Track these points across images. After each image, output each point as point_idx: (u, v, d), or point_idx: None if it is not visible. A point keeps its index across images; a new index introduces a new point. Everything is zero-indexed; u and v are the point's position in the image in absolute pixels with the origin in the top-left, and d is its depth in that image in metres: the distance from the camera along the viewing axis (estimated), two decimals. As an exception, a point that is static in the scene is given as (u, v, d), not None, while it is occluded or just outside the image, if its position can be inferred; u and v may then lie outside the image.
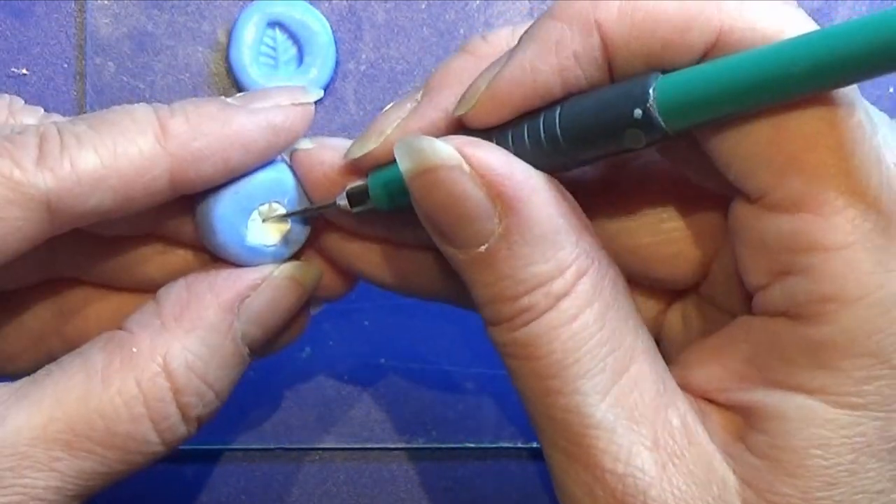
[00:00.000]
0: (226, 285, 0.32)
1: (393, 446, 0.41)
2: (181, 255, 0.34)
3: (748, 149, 0.27)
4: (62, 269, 0.34)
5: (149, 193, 0.30)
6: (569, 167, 0.29)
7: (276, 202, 0.32)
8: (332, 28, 0.41)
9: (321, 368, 0.41)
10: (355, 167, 0.31)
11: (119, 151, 0.29)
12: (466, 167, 0.27)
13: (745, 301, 0.30)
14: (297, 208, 0.33)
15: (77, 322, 0.34)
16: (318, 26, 0.41)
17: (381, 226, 0.33)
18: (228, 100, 0.31)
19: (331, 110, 0.42)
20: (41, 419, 0.29)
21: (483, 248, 0.28)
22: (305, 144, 0.32)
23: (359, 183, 0.31)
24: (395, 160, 0.30)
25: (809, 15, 0.27)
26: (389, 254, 0.33)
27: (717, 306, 0.32)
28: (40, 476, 0.29)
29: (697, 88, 0.26)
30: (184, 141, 0.30)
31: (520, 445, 0.41)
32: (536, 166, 0.28)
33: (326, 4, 0.42)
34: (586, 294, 0.28)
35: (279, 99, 0.31)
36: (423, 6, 0.42)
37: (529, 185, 0.28)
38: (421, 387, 0.41)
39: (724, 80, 0.26)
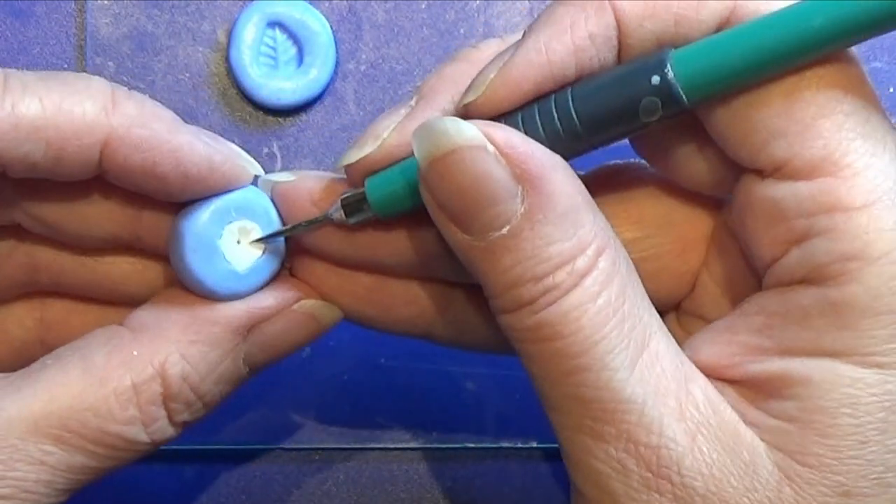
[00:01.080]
0: (241, 307, 0.31)
1: (393, 446, 0.41)
2: (160, 272, 0.34)
3: (761, 122, 0.27)
4: (43, 285, 0.34)
5: (78, 161, 0.29)
6: (580, 151, 0.29)
7: (251, 222, 0.32)
8: (332, 28, 0.41)
9: (321, 368, 0.41)
10: (350, 174, 0.31)
11: (64, 107, 0.29)
12: (491, 147, 0.27)
13: (738, 303, 0.30)
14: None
15: (60, 332, 0.34)
16: (318, 26, 0.41)
17: (365, 248, 0.32)
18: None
19: (331, 110, 0.42)
20: (34, 413, 0.29)
21: (505, 229, 0.27)
22: (286, 177, 0.32)
23: (352, 192, 0.31)
24: (393, 164, 0.30)
25: None
26: (369, 284, 0.33)
27: (703, 318, 0.32)
28: (31, 469, 0.29)
29: (714, 53, 0.27)
30: (129, 122, 0.29)
31: (520, 445, 0.41)
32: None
33: (326, 4, 0.42)
34: (607, 271, 0.28)
35: (229, 151, 0.31)
36: (423, 6, 0.42)
37: (550, 162, 0.28)
38: (421, 387, 0.41)
39: (742, 42, 0.27)
